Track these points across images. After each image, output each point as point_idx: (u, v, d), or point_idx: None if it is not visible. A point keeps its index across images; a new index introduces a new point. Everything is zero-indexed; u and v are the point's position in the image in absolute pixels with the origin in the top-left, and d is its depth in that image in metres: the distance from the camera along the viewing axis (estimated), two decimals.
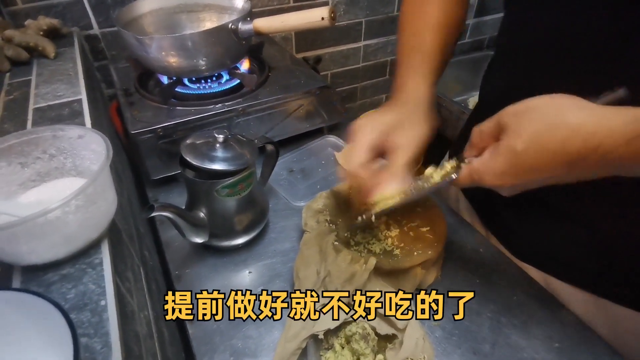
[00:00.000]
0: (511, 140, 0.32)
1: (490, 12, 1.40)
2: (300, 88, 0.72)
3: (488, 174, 0.35)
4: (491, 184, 0.35)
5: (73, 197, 0.29)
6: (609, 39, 0.37)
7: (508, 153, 0.33)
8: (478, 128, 0.37)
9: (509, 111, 0.34)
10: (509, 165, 0.33)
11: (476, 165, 0.36)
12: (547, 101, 0.32)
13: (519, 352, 0.44)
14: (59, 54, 0.69)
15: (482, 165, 0.35)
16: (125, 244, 0.44)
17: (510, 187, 0.35)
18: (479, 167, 0.35)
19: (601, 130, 0.29)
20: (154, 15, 0.75)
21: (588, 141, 0.29)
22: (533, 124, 0.31)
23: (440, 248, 0.50)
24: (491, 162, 0.34)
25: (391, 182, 0.41)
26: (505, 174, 0.33)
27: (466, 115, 1.24)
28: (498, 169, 0.34)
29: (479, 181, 0.36)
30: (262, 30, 0.64)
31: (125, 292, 0.36)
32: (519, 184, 0.34)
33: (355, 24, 1.17)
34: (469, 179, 0.37)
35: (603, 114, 0.29)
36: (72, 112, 0.52)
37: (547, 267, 0.53)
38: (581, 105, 0.31)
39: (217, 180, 0.48)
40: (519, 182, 0.34)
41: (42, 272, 0.33)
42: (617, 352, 0.44)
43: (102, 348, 0.28)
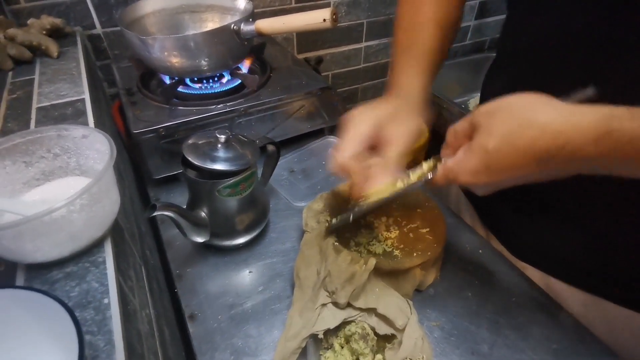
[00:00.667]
0: (483, 139, 0.33)
1: (492, 14, 1.40)
2: (301, 89, 0.72)
3: (462, 173, 0.35)
4: (465, 182, 0.35)
5: (78, 196, 0.29)
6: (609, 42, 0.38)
7: (480, 152, 0.33)
8: (453, 128, 0.38)
9: (481, 110, 0.34)
10: (481, 164, 0.33)
11: (450, 165, 0.36)
12: (518, 100, 0.33)
13: (517, 353, 0.44)
14: (62, 53, 0.69)
15: (456, 164, 0.36)
16: (127, 243, 0.44)
17: (484, 185, 0.36)
18: (453, 166, 0.36)
19: (569, 128, 0.29)
20: (157, 16, 0.75)
21: (556, 139, 0.29)
22: (504, 123, 0.32)
23: (439, 249, 0.50)
24: (464, 161, 0.35)
25: (383, 175, 0.41)
26: (478, 172, 0.34)
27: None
28: (471, 167, 0.34)
29: (453, 180, 0.36)
30: (264, 31, 0.65)
31: (127, 291, 0.36)
32: (493, 183, 0.35)
33: (357, 25, 1.17)
34: (444, 179, 0.37)
35: (571, 113, 0.30)
36: (75, 111, 0.53)
37: (546, 267, 0.53)
38: (551, 103, 0.31)
39: (218, 180, 0.48)
40: (492, 180, 0.34)
41: (46, 270, 0.33)
42: (614, 354, 0.44)
43: (105, 345, 0.28)
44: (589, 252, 0.47)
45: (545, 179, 0.33)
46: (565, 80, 0.42)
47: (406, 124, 0.43)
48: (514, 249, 0.57)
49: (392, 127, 0.42)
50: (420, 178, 0.40)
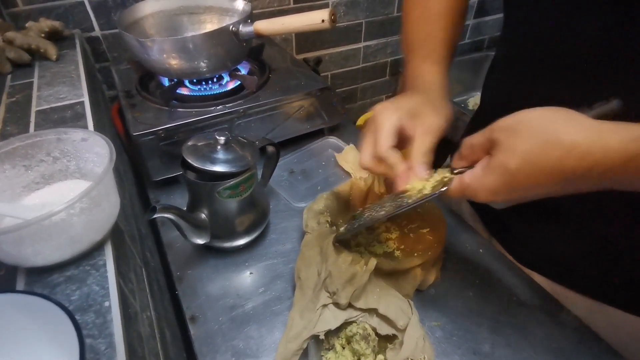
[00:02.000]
0: (504, 158, 0.32)
1: (490, 12, 1.40)
2: (300, 89, 0.72)
3: (481, 190, 0.34)
4: (484, 199, 0.35)
5: (78, 199, 0.29)
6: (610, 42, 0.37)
7: (501, 171, 0.32)
8: (469, 140, 0.36)
9: (500, 126, 0.33)
10: (502, 183, 0.33)
11: (468, 181, 0.35)
12: (539, 115, 0.32)
13: (518, 352, 0.44)
14: (61, 56, 0.69)
15: (474, 181, 0.35)
16: (127, 246, 0.44)
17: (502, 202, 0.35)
18: (471, 182, 0.35)
19: (597, 149, 0.28)
20: (155, 18, 0.75)
21: (583, 160, 0.28)
22: (526, 142, 0.31)
23: (440, 249, 0.50)
24: (484, 179, 0.34)
25: (421, 168, 0.40)
26: (498, 192, 0.33)
27: (466, 116, 1.24)
28: (491, 186, 0.33)
29: (471, 196, 0.35)
30: (262, 32, 0.65)
31: (128, 293, 0.36)
32: (513, 199, 0.34)
33: (355, 25, 1.17)
34: (461, 193, 0.36)
35: (599, 132, 0.29)
36: (74, 114, 0.53)
37: (550, 273, 0.53)
38: (574, 119, 0.30)
39: (218, 182, 0.48)
40: (511, 198, 0.34)
41: (47, 274, 0.33)
42: (616, 353, 0.44)
43: (106, 349, 0.28)
44: (594, 258, 0.47)
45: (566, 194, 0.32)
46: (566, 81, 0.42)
47: (432, 117, 0.42)
48: (518, 255, 0.56)
49: (419, 122, 0.41)
50: (435, 190, 0.38)
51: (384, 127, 0.41)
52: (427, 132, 0.41)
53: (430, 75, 0.47)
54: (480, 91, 0.62)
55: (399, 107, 0.42)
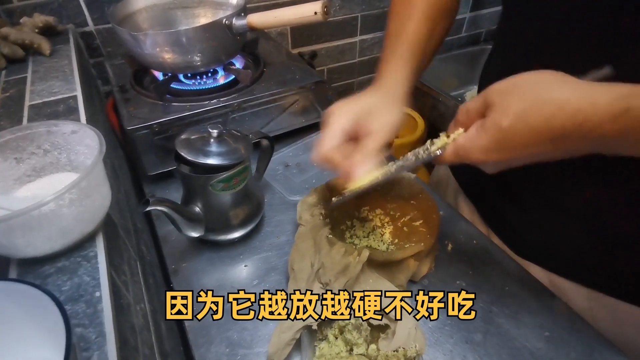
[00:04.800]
0: (497, 116, 0.33)
1: (486, 5, 1.40)
2: (295, 83, 0.72)
3: (474, 150, 0.35)
4: (476, 159, 0.35)
5: (67, 190, 0.29)
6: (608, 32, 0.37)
7: (494, 129, 0.33)
8: (465, 106, 0.37)
9: (495, 88, 0.34)
10: (494, 141, 0.33)
11: (462, 142, 0.36)
12: (534, 77, 0.33)
13: (510, 341, 0.45)
14: (55, 51, 0.69)
15: (467, 141, 0.35)
16: (121, 238, 0.44)
17: (494, 163, 0.35)
18: (464, 143, 0.36)
19: (586, 106, 0.29)
20: (149, 12, 0.75)
21: (573, 117, 0.29)
22: (519, 101, 0.32)
23: (433, 240, 0.50)
24: (477, 138, 0.34)
25: (364, 164, 0.41)
26: (490, 150, 0.34)
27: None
28: (484, 145, 0.34)
29: (464, 157, 0.36)
30: (255, 25, 0.65)
31: (120, 285, 0.36)
32: (504, 161, 0.34)
33: (351, 18, 1.17)
34: (454, 155, 0.37)
35: (589, 91, 0.29)
36: (67, 108, 0.53)
37: (549, 264, 0.52)
38: (567, 81, 0.31)
39: (211, 175, 0.48)
40: (504, 158, 0.34)
41: (38, 265, 0.33)
42: (607, 341, 0.45)
43: (96, 337, 0.28)
44: (594, 248, 0.47)
45: (556, 158, 0.33)
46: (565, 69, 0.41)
47: (386, 116, 0.43)
48: (516, 246, 0.56)
49: (372, 120, 0.42)
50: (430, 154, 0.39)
51: (330, 129, 0.43)
52: (380, 129, 0.42)
53: (393, 75, 0.47)
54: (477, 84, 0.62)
55: (351, 107, 0.43)
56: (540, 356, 0.43)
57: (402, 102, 0.45)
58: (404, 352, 0.40)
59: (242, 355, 0.44)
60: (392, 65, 0.48)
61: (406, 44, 0.48)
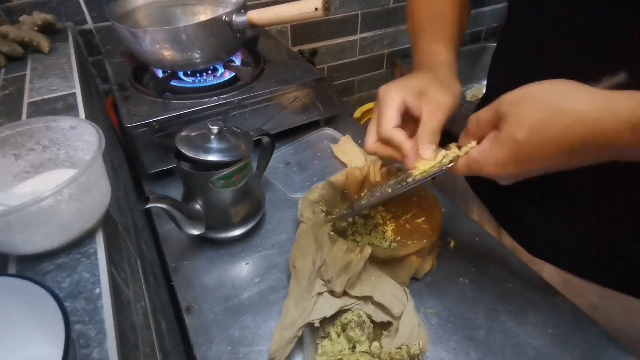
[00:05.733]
0: (512, 129, 0.31)
1: (487, 3, 1.39)
2: (296, 80, 0.72)
3: (488, 164, 0.34)
4: (491, 173, 0.34)
5: (65, 185, 0.29)
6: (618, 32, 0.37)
7: (509, 143, 0.32)
8: (475, 117, 0.36)
9: (507, 99, 0.33)
10: (510, 155, 0.32)
11: (475, 155, 0.35)
12: (547, 87, 0.31)
13: (513, 338, 0.44)
14: (54, 49, 0.68)
15: (481, 155, 0.34)
16: (121, 236, 0.44)
17: (509, 176, 0.34)
18: (477, 156, 0.34)
19: (605, 116, 0.28)
20: (148, 9, 0.75)
21: (592, 128, 0.28)
22: (534, 112, 0.30)
23: (435, 237, 0.50)
24: (492, 152, 0.33)
25: (430, 144, 0.39)
26: (506, 164, 0.33)
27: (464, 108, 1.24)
28: (499, 159, 0.33)
29: (477, 171, 0.35)
30: (256, 21, 0.64)
31: (120, 282, 0.36)
32: (519, 173, 0.34)
33: (352, 16, 1.16)
34: (467, 169, 0.36)
35: (606, 99, 0.28)
36: (66, 105, 0.52)
37: (561, 262, 0.52)
38: (582, 90, 0.30)
39: (212, 172, 0.48)
40: (519, 171, 0.33)
41: (38, 262, 0.33)
42: (611, 338, 0.44)
43: (96, 334, 0.28)
44: (606, 245, 0.46)
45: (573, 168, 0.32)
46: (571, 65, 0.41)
47: (438, 97, 0.40)
48: (528, 244, 0.55)
49: (426, 100, 0.40)
50: (441, 167, 0.38)
51: (387, 108, 0.40)
52: (434, 110, 0.40)
53: (438, 56, 0.46)
54: (478, 83, 0.61)
55: (404, 86, 0.41)
56: (543, 353, 0.43)
57: (455, 83, 0.43)
58: (407, 349, 0.40)
59: (244, 354, 0.43)
60: (437, 47, 0.46)
61: (448, 26, 0.47)
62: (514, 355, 0.43)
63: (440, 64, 0.45)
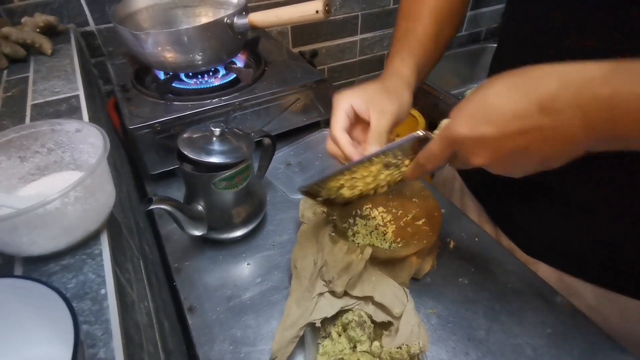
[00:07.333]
0: (479, 89, 0.33)
1: (487, 4, 1.40)
2: (296, 82, 0.72)
3: (457, 124, 0.33)
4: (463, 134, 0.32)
5: (72, 188, 0.29)
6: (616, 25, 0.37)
7: (471, 97, 0.33)
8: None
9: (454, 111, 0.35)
10: (475, 106, 0.32)
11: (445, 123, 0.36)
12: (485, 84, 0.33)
13: (513, 338, 0.45)
14: (56, 50, 0.69)
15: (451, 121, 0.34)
16: (124, 237, 0.44)
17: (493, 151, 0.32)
18: (448, 123, 0.35)
19: (572, 69, 0.28)
20: (150, 11, 0.75)
21: (561, 78, 0.28)
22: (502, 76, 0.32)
23: (435, 237, 0.50)
24: (458, 111, 0.34)
25: (372, 145, 0.42)
26: (475, 118, 0.31)
27: None
28: (466, 114, 0.32)
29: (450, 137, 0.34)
30: (257, 24, 0.65)
31: (125, 283, 0.37)
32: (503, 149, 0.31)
33: (352, 17, 1.17)
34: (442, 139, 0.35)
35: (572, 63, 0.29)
36: (69, 107, 0.53)
37: (558, 262, 0.52)
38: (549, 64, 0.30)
39: (214, 173, 0.49)
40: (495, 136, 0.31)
41: (43, 263, 0.33)
42: (609, 338, 0.45)
43: (102, 334, 0.28)
44: (600, 245, 0.47)
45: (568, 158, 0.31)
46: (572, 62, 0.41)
47: (384, 104, 0.44)
48: (524, 245, 0.56)
49: (376, 104, 0.44)
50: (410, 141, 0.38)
51: (337, 111, 0.44)
52: (380, 116, 0.43)
53: (394, 68, 0.49)
54: (478, 83, 0.61)
55: (353, 93, 0.45)
56: (542, 353, 0.43)
57: (403, 92, 0.46)
58: (407, 349, 0.40)
59: (246, 353, 0.44)
60: (398, 62, 0.49)
61: (414, 43, 0.49)
62: (513, 355, 0.43)
63: (392, 74, 0.48)
